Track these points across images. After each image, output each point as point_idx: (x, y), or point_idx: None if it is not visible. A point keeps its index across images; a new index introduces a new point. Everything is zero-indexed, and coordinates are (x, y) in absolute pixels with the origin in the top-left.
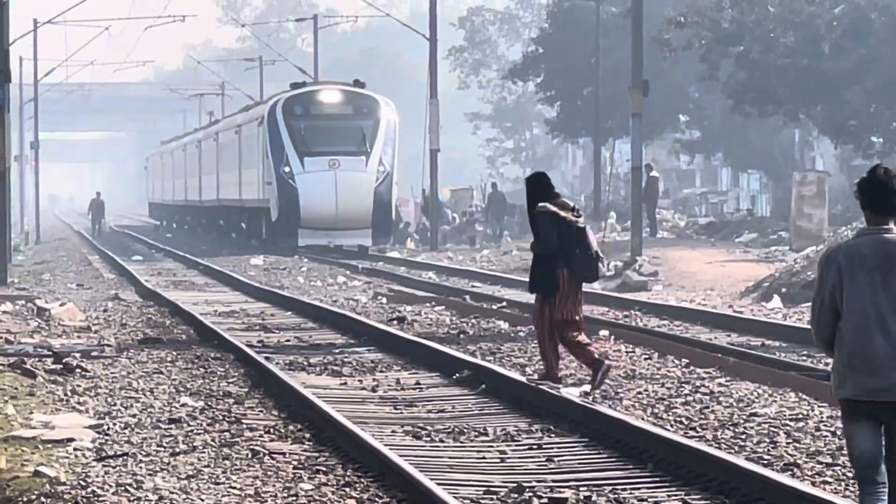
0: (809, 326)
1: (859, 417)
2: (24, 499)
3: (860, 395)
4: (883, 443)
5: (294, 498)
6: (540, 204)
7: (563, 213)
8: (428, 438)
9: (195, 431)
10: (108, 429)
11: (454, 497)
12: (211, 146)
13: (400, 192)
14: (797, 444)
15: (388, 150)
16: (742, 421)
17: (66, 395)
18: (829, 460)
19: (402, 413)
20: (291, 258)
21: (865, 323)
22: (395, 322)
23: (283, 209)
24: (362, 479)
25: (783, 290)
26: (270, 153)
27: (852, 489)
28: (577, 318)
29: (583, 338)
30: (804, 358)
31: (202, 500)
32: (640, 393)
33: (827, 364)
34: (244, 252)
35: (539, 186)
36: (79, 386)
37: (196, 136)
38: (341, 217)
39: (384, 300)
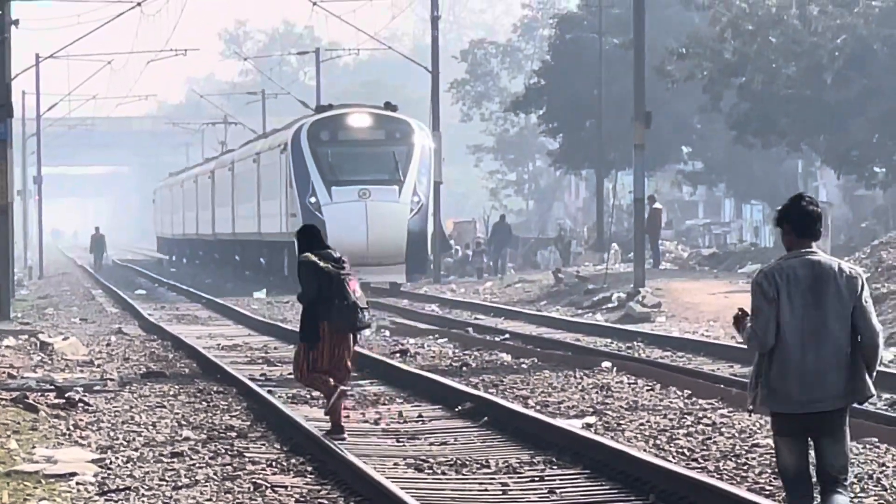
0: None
1: (789, 432)
2: None
3: (794, 409)
4: (812, 454)
5: None
6: (302, 255)
7: (322, 264)
8: (430, 471)
9: (197, 465)
10: (111, 463)
11: None
12: (225, 176)
13: None
14: None
15: (423, 178)
16: (744, 452)
17: (68, 429)
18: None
19: (404, 446)
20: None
21: (799, 339)
22: (398, 355)
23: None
24: None
25: None
26: (295, 182)
27: None
28: (336, 367)
29: (329, 381)
30: None
31: None
32: (642, 424)
33: None
34: (253, 286)
35: (306, 238)
36: (81, 420)
37: (208, 166)
38: (372, 252)
39: (387, 333)
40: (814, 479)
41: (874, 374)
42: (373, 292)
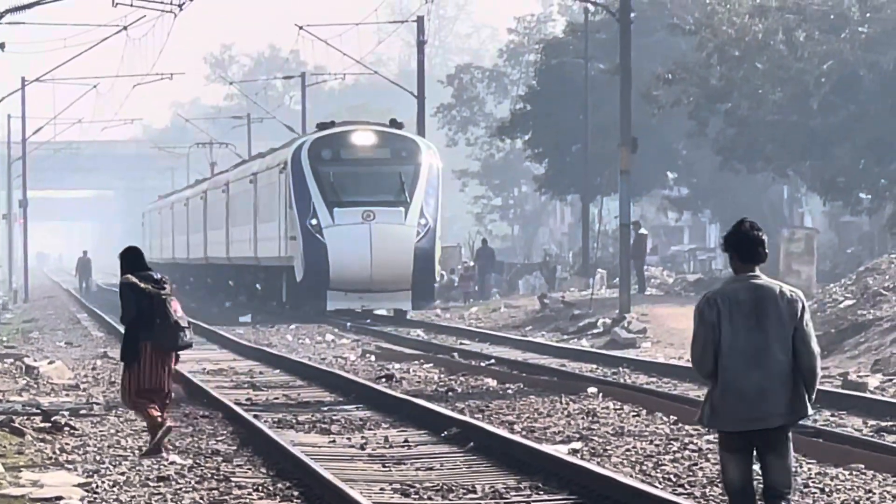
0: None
1: (734, 449)
2: None
3: (737, 427)
4: (757, 468)
5: None
6: (123, 276)
7: (143, 285)
8: (416, 496)
9: (184, 489)
10: (97, 487)
11: None
12: (219, 198)
13: None
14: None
15: (430, 200)
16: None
17: (54, 453)
18: None
19: (390, 471)
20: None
21: (742, 360)
22: (384, 380)
23: (309, 268)
24: None
25: None
26: (295, 204)
27: None
28: (160, 387)
29: (153, 411)
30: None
31: None
32: (628, 450)
33: (816, 421)
34: (240, 312)
35: (128, 259)
36: (67, 444)
37: (200, 187)
38: (377, 277)
39: (372, 358)
40: (758, 495)
41: (813, 394)
42: (376, 320)
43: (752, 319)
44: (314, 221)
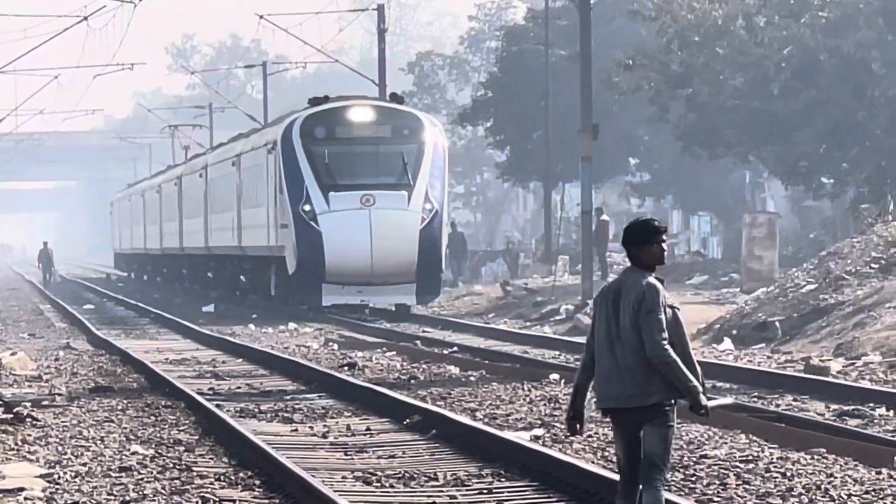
0: (747, 366)
1: (615, 427)
2: None
3: (601, 405)
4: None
5: None
6: None
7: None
8: (378, 484)
9: (146, 479)
10: (59, 478)
11: None
12: (195, 183)
13: None
14: (747, 486)
15: (435, 182)
16: (692, 463)
17: (16, 444)
18: (779, 502)
19: (352, 459)
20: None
21: (604, 346)
22: (346, 368)
23: (302, 259)
24: None
25: (734, 331)
26: (286, 188)
27: None
28: None
29: None
30: (755, 400)
31: None
32: (590, 436)
33: (778, 406)
34: (205, 303)
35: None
36: (29, 435)
37: (174, 172)
38: (377, 269)
39: (335, 346)
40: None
41: (683, 381)
42: (375, 313)
43: (611, 309)
44: (307, 207)
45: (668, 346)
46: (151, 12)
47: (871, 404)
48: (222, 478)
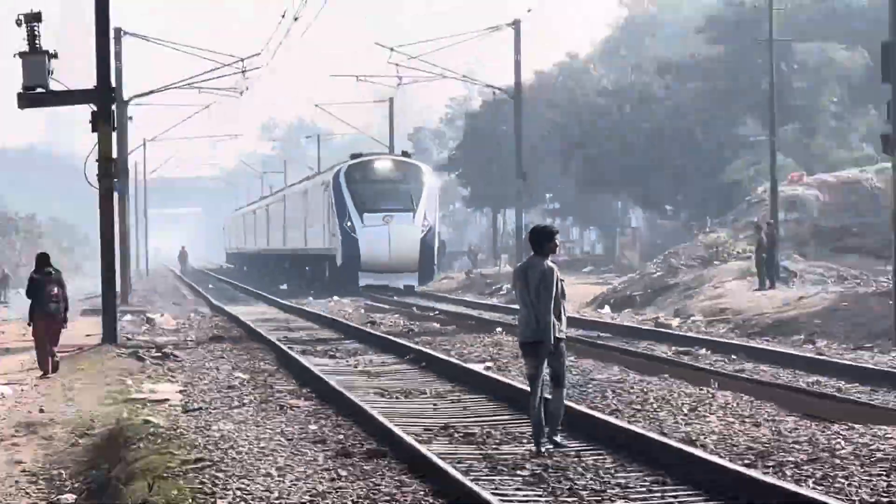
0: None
1: (530, 355)
2: (139, 436)
3: (522, 339)
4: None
5: (306, 434)
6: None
7: (36, 276)
8: (389, 397)
9: (245, 393)
10: (190, 392)
11: (404, 432)
12: (278, 209)
13: None
14: (619, 398)
15: (431, 208)
16: (584, 384)
17: (164, 372)
18: (640, 406)
19: (373, 381)
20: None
21: (524, 303)
22: (369, 324)
23: (346, 256)
24: (348, 422)
25: (611, 301)
26: (336, 211)
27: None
28: (53, 338)
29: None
30: (624, 343)
31: (248, 437)
32: (520, 367)
33: (638, 347)
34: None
35: (43, 261)
36: (172, 366)
37: (264, 202)
38: (394, 262)
39: (363, 311)
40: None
41: (564, 324)
42: (391, 291)
43: (527, 281)
44: (349, 224)
45: (550, 309)
46: (249, 99)
47: (697, 346)
48: (292, 393)
